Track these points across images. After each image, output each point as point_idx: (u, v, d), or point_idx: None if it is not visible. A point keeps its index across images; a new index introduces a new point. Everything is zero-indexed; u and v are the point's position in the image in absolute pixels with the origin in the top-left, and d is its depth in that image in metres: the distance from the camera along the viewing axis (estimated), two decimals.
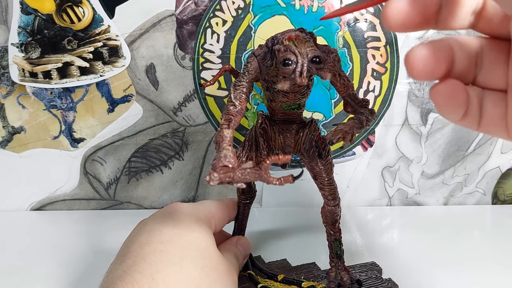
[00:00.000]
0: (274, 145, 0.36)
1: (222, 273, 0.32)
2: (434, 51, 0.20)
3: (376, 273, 0.41)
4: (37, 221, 0.59)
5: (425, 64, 0.20)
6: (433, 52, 0.20)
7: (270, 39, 0.32)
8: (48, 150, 0.60)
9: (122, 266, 0.29)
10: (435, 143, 0.60)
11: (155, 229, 0.32)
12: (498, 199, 0.63)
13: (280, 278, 0.39)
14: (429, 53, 0.20)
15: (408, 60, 0.20)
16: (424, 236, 0.53)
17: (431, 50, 0.20)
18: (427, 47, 0.20)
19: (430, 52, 0.20)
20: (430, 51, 0.20)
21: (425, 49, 0.20)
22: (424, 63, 0.20)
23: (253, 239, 0.46)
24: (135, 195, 0.62)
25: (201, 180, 0.61)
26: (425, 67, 0.20)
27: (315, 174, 0.36)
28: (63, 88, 0.58)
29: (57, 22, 0.55)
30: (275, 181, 0.27)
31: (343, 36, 0.56)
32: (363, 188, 0.62)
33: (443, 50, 0.21)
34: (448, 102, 0.21)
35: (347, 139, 0.32)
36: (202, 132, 0.59)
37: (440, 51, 0.21)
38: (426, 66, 0.20)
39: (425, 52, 0.20)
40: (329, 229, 0.38)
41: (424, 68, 0.20)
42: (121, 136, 0.59)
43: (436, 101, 0.22)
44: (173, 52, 0.56)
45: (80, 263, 0.46)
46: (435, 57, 0.20)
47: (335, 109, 0.58)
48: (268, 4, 0.55)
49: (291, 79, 0.28)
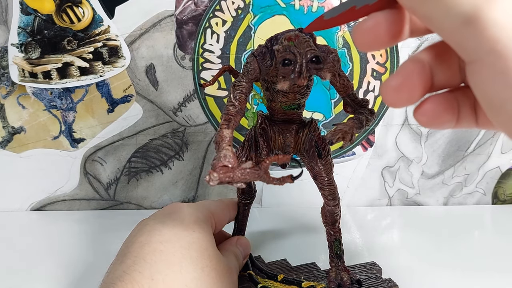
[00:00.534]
0: (274, 145, 0.36)
1: (222, 273, 0.32)
2: (404, 79, 0.20)
3: (376, 273, 0.41)
4: (37, 221, 0.59)
5: (399, 95, 0.20)
6: (404, 81, 0.20)
7: (270, 39, 0.32)
8: (48, 150, 0.60)
9: (122, 266, 0.29)
10: (435, 143, 0.60)
11: (155, 229, 0.32)
12: (498, 199, 0.63)
13: (280, 278, 0.39)
14: (400, 83, 0.20)
15: (382, 93, 0.20)
16: (424, 236, 0.53)
17: (401, 80, 0.20)
18: (397, 78, 0.20)
19: (400, 82, 0.20)
20: (400, 81, 0.20)
21: (396, 80, 0.20)
22: (397, 94, 0.20)
23: (253, 239, 0.46)
24: (135, 195, 0.62)
25: (201, 180, 0.61)
26: (399, 97, 0.20)
27: (315, 174, 0.36)
28: (63, 88, 0.58)
29: (57, 23, 0.55)
30: (275, 181, 0.27)
31: (343, 36, 0.56)
32: (363, 188, 0.62)
33: (415, 73, 0.20)
34: (433, 121, 0.21)
35: (346, 139, 0.32)
36: (202, 132, 0.59)
37: (411, 75, 0.20)
38: (400, 96, 0.20)
39: (396, 83, 0.20)
40: (329, 229, 0.38)
41: (399, 98, 0.20)
42: (121, 136, 0.59)
43: (422, 123, 0.21)
44: (173, 52, 0.56)
45: (80, 263, 0.46)
46: (407, 85, 0.20)
47: (335, 109, 0.58)
48: (268, 4, 0.55)
49: (290, 79, 0.28)
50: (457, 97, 0.21)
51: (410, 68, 0.20)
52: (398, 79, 0.20)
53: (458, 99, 0.21)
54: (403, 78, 0.20)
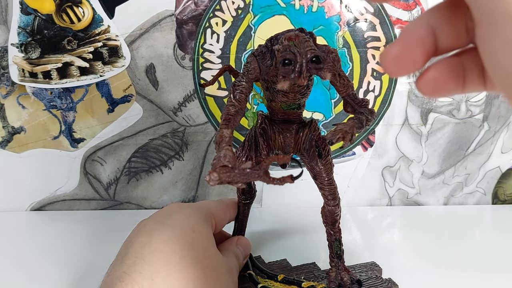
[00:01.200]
0: (274, 145, 0.36)
1: (222, 273, 0.32)
2: (404, 46, 0.19)
3: (376, 273, 0.41)
4: (37, 221, 0.59)
5: (400, 64, 0.19)
6: (405, 48, 0.19)
7: (270, 39, 0.32)
8: (48, 150, 0.60)
9: (122, 267, 0.29)
10: (436, 143, 0.60)
11: (155, 229, 0.32)
12: (498, 199, 0.63)
13: (280, 278, 0.39)
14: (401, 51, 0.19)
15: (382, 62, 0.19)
16: (424, 236, 0.53)
17: (401, 47, 0.19)
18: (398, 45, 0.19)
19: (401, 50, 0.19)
20: (401, 49, 0.19)
21: (396, 48, 0.19)
22: (398, 63, 0.19)
23: (253, 239, 0.46)
24: (135, 195, 0.62)
25: (201, 180, 0.61)
26: (401, 66, 0.19)
27: (315, 174, 0.36)
28: (63, 88, 0.58)
29: (57, 22, 0.55)
30: (275, 181, 0.27)
31: (343, 36, 0.56)
32: (363, 188, 0.62)
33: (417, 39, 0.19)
34: (438, 90, 0.20)
35: (347, 139, 0.31)
36: (202, 132, 0.59)
37: (412, 43, 0.19)
38: (402, 65, 0.19)
39: (396, 51, 0.19)
40: (329, 229, 0.38)
41: (400, 67, 0.19)
42: (121, 136, 0.59)
43: (425, 93, 0.20)
44: (173, 52, 0.56)
45: (80, 263, 0.46)
46: (408, 52, 0.19)
47: (335, 109, 0.58)
48: (268, 4, 0.55)
49: (290, 79, 0.28)
50: (463, 61, 0.20)
51: (412, 33, 0.19)
52: (399, 47, 0.19)
53: (464, 62, 0.20)
54: (404, 46, 0.19)
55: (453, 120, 0.59)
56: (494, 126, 0.59)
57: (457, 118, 0.59)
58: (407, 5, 0.55)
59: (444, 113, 0.59)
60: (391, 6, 0.55)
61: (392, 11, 0.55)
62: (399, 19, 0.55)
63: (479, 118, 0.59)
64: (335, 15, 0.55)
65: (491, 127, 0.59)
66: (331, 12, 0.55)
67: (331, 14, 0.55)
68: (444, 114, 0.59)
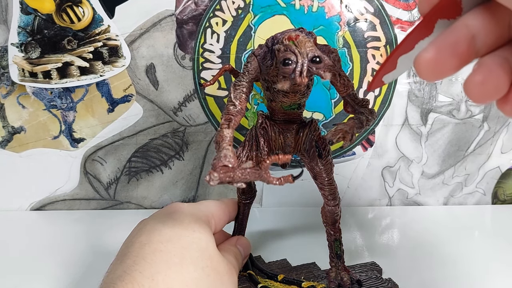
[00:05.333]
0: (274, 145, 0.36)
1: (222, 273, 0.32)
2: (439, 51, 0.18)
3: (376, 273, 0.41)
4: (37, 221, 0.59)
5: (434, 68, 0.19)
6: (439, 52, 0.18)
7: (270, 39, 0.32)
8: (48, 150, 0.60)
9: (122, 266, 0.29)
10: (435, 143, 0.60)
11: (155, 229, 0.32)
12: (498, 199, 0.63)
13: (280, 278, 0.39)
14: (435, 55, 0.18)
15: (416, 66, 0.19)
16: (424, 236, 0.53)
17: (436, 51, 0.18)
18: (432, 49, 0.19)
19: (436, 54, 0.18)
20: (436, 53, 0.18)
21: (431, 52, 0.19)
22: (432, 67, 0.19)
23: (253, 239, 0.46)
24: (135, 195, 0.62)
25: (201, 180, 0.61)
26: (435, 71, 0.19)
27: (315, 174, 0.36)
28: (63, 88, 0.58)
29: (57, 22, 0.55)
30: (275, 181, 0.27)
31: (343, 36, 0.56)
32: (363, 188, 0.62)
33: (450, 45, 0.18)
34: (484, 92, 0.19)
35: (347, 139, 0.32)
36: (202, 132, 0.59)
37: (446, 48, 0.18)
38: (436, 69, 0.19)
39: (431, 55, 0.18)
40: (329, 229, 0.38)
41: (434, 72, 0.19)
42: (121, 136, 0.59)
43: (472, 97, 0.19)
44: (173, 52, 0.56)
45: (80, 263, 0.46)
46: (442, 57, 0.18)
47: (335, 109, 0.58)
48: (268, 4, 0.55)
49: (291, 79, 0.28)
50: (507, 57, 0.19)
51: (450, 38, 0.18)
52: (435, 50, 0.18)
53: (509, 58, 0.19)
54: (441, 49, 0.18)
55: (453, 120, 0.59)
56: (494, 126, 0.59)
57: (457, 118, 0.59)
58: (407, 5, 0.55)
59: (444, 113, 0.59)
60: (391, 6, 0.55)
61: (392, 11, 0.55)
62: (399, 19, 0.55)
63: (479, 118, 0.59)
64: (335, 15, 0.55)
65: (491, 127, 0.59)
66: (331, 12, 0.55)
67: (331, 14, 0.55)
68: (444, 114, 0.59)
